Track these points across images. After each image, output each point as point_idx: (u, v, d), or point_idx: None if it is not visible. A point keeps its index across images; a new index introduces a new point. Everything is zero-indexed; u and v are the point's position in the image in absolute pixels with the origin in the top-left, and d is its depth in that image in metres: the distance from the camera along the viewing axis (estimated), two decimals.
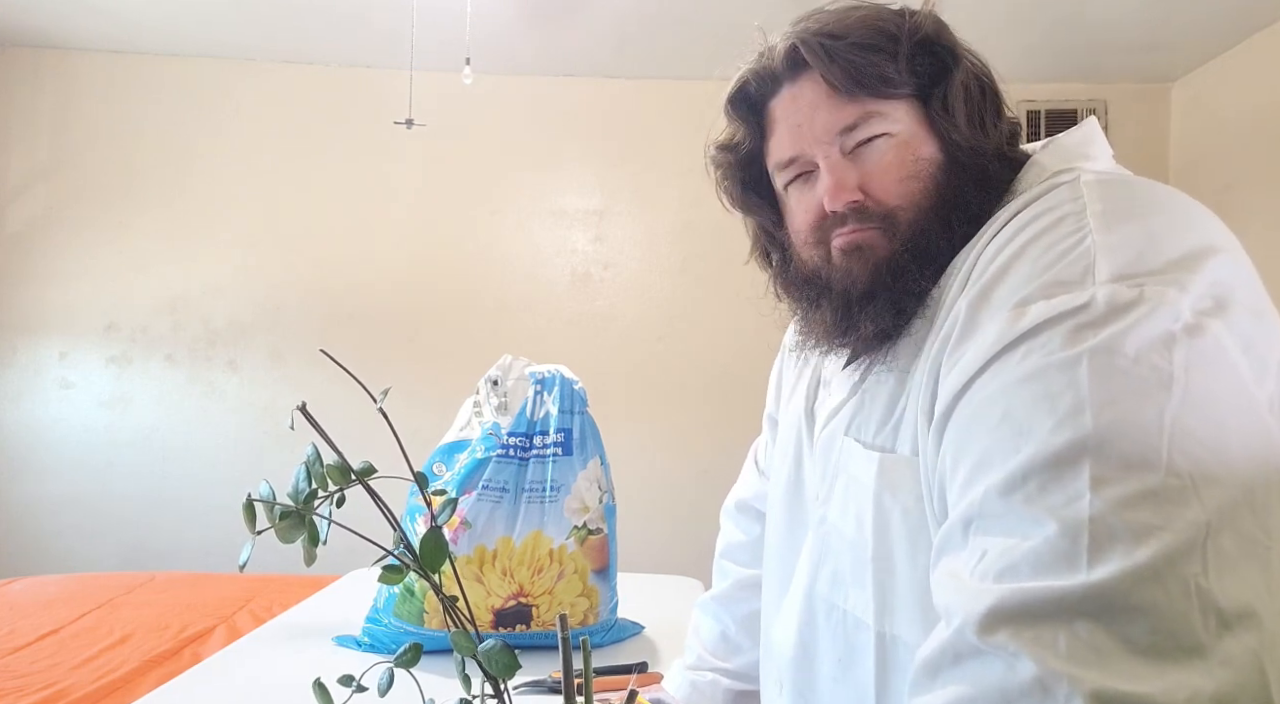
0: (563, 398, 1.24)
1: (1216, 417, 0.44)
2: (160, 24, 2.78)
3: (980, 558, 0.45)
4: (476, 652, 0.40)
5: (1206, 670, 0.38)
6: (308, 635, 1.28)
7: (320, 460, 0.40)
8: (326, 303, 3.02)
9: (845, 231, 0.65)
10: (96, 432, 2.97)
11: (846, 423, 0.67)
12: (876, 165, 0.64)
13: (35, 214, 2.98)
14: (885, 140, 0.63)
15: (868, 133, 0.63)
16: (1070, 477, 0.43)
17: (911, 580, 0.58)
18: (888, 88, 0.63)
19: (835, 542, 0.66)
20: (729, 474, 3.29)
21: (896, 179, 0.63)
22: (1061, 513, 0.42)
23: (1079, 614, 0.40)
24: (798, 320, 0.75)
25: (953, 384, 0.52)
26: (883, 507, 0.60)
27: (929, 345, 0.59)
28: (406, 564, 0.41)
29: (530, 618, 1.18)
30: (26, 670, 1.36)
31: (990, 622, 0.42)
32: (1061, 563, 0.41)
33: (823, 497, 0.68)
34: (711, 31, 2.70)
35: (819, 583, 0.67)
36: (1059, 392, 0.45)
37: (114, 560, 2.86)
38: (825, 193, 0.64)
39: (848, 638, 0.63)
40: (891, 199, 0.64)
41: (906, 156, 0.63)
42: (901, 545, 0.59)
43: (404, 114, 2.33)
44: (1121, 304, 0.46)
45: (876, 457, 0.61)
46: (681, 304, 3.07)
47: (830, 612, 0.65)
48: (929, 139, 0.64)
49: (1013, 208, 0.58)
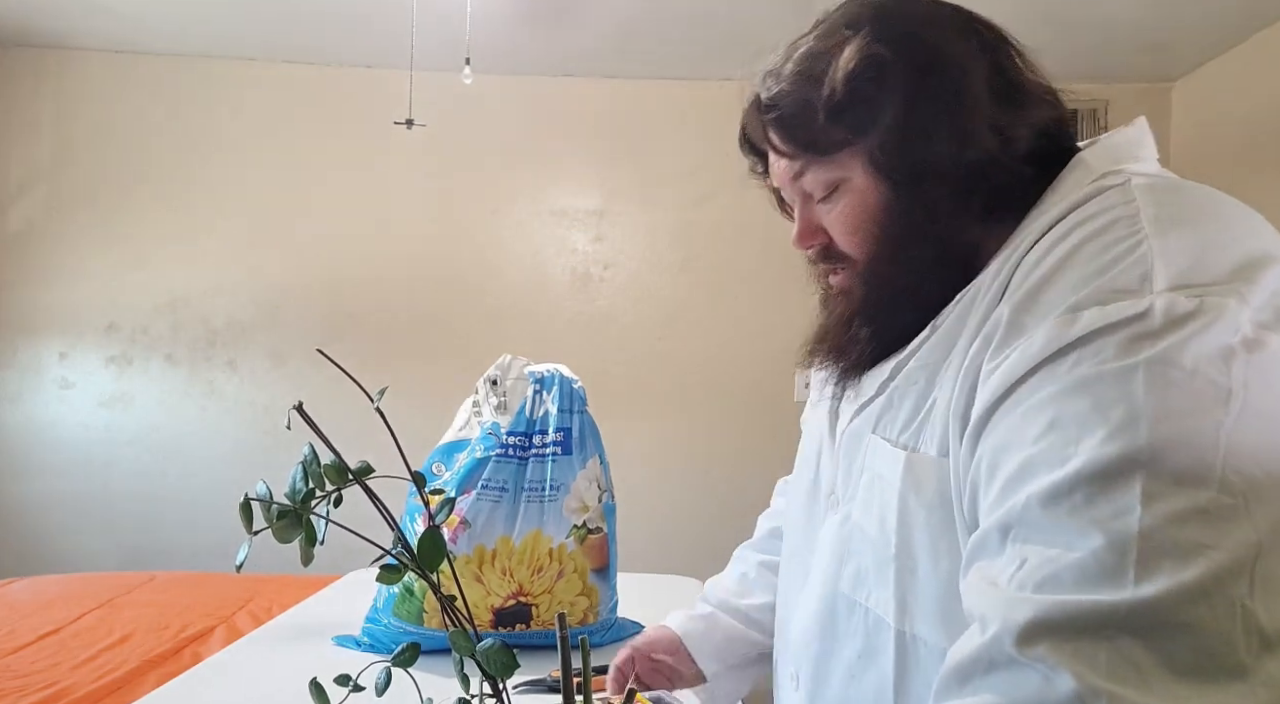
0: (562, 397, 1.24)
1: (1273, 434, 0.43)
2: (160, 24, 2.78)
3: (1019, 566, 0.44)
4: (475, 651, 0.40)
5: (1247, 692, 0.38)
6: (307, 635, 1.28)
7: (317, 460, 0.40)
8: (326, 303, 3.02)
9: (825, 270, 0.70)
10: (96, 431, 2.97)
11: (874, 420, 0.66)
12: (832, 216, 0.66)
13: (35, 214, 2.98)
14: (840, 191, 0.65)
15: (815, 182, 0.66)
16: (1120, 490, 0.42)
17: (933, 581, 0.57)
18: (818, 150, 0.64)
19: (858, 540, 0.65)
20: (729, 473, 3.31)
21: (847, 230, 0.65)
22: (1109, 526, 0.41)
23: (1122, 630, 0.39)
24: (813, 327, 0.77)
25: (994, 388, 0.51)
26: (907, 506, 0.59)
27: (962, 345, 0.58)
28: (405, 564, 0.41)
29: (530, 617, 1.18)
30: (26, 670, 1.36)
31: (1030, 633, 0.41)
32: (1107, 577, 0.41)
33: (847, 494, 0.68)
34: (712, 31, 2.70)
35: (841, 581, 0.66)
36: (1112, 402, 0.44)
37: (114, 560, 2.85)
38: (794, 238, 0.70)
39: (867, 636, 0.63)
40: (847, 248, 0.66)
41: (857, 207, 0.64)
42: (924, 546, 0.58)
43: (404, 114, 2.33)
44: (1180, 315, 0.45)
45: (903, 455, 0.60)
46: (681, 304, 3.07)
47: (851, 609, 0.65)
48: (877, 183, 0.63)
49: (1058, 208, 0.57)
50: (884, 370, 0.67)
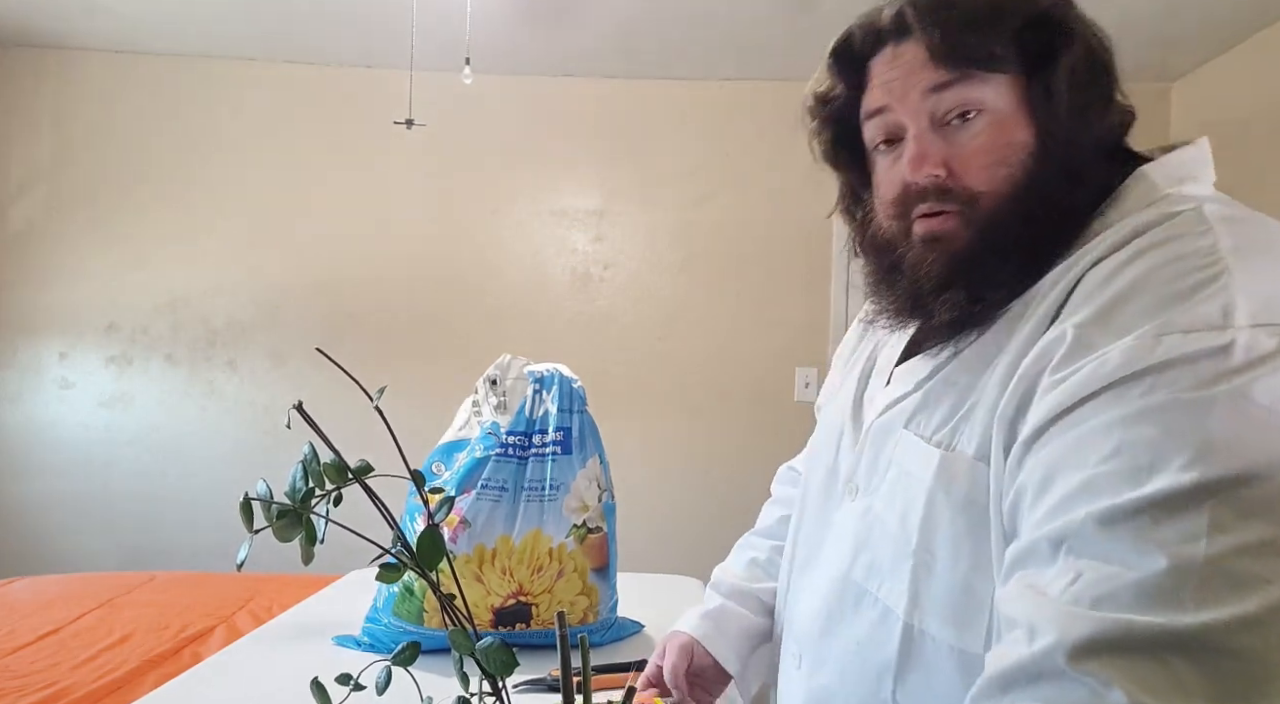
0: (561, 396, 1.24)
1: None
2: (160, 24, 2.78)
3: (1074, 580, 0.45)
4: (474, 650, 0.40)
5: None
6: (307, 635, 1.28)
7: (317, 459, 0.40)
8: (326, 303, 3.02)
9: (925, 211, 0.63)
10: (96, 431, 2.97)
11: (907, 416, 0.65)
12: (965, 144, 0.62)
13: (35, 214, 2.98)
14: (979, 118, 0.61)
15: (959, 99, 0.61)
16: (1190, 517, 0.43)
17: (950, 580, 0.58)
18: (989, 62, 0.60)
19: (877, 532, 0.65)
20: (729, 473, 3.30)
21: (983, 162, 0.61)
22: (1174, 550, 0.42)
23: (1176, 652, 0.40)
24: (869, 286, 0.73)
25: (1057, 402, 0.51)
26: (934, 504, 0.60)
27: (1012, 352, 0.58)
28: (404, 562, 0.41)
29: (530, 617, 1.18)
30: (26, 670, 1.36)
31: (1085, 648, 0.42)
32: (1168, 599, 0.41)
33: (870, 486, 0.68)
34: (712, 31, 2.70)
35: (855, 569, 0.67)
36: (1187, 431, 0.45)
37: (114, 560, 2.85)
38: (907, 162, 0.63)
39: (874, 624, 0.64)
40: (975, 182, 0.62)
41: (998, 139, 0.61)
42: (945, 545, 0.59)
43: (404, 114, 2.33)
44: (1262, 352, 0.46)
45: (938, 454, 0.60)
46: (681, 304, 3.07)
47: (861, 597, 0.66)
48: (1025, 123, 0.61)
49: (1126, 226, 0.57)
50: (922, 368, 0.67)
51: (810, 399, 3.00)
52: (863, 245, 0.74)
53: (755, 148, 3.04)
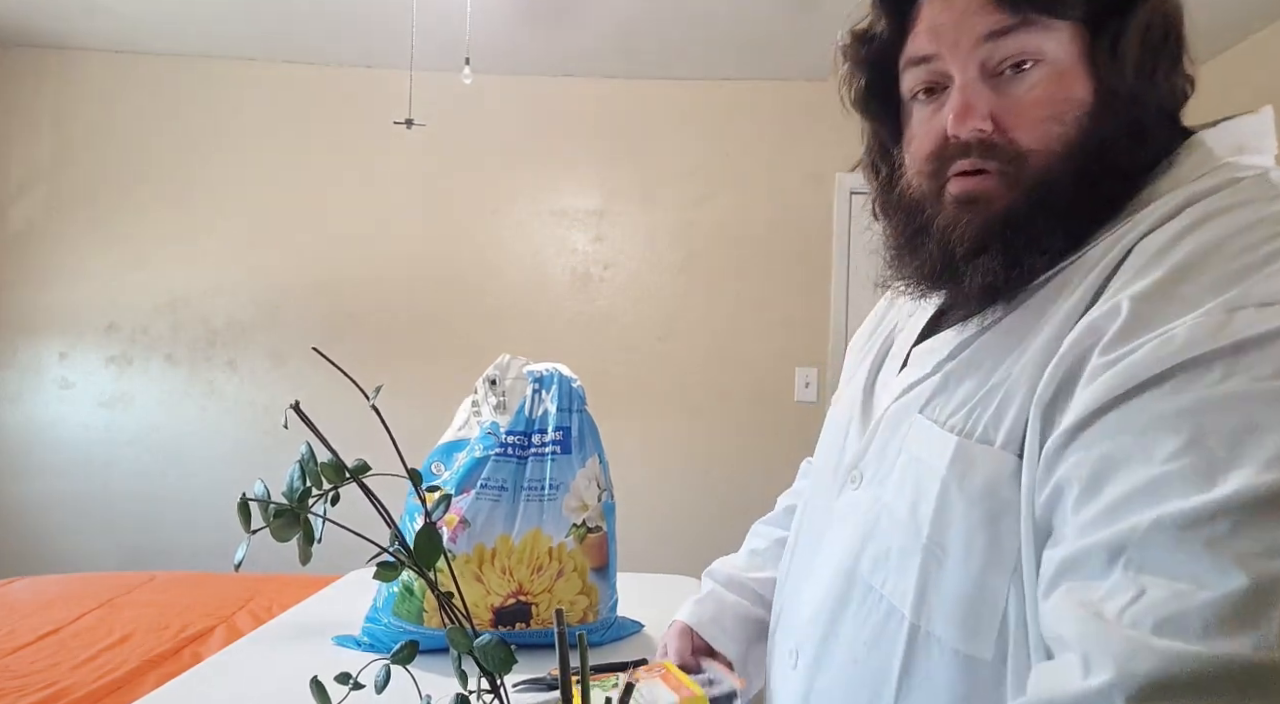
0: (561, 396, 1.24)
1: None
2: (160, 24, 2.78)
3: (1135, 597, 0.39)
4: (472, 647, 0.40)
5: None
6: (307, 635, 1.28)
7: (314, 459, 0.40)
8: (326, 303, 3.02)
9: (965, 168, 0.57)
10: (96, 431, 2.97)
11: (923, 400, 0.60)
12: (1018, 96, 0.56)
13: (35, 214, 2.98)
14: (1036, 69, 0.55)
15: (1018, 47, 0.55)
16: (1274, 526, 0.37)
17: (960, 579, 0.53)
18: (1055, 7, 0.54)
19: (885, 523, 0.60)
20: (729, 473, 3.30)
21: (1037, 117, 0.55)
22: (1255, 565, 0.37)
23: (1255, 691, 0.35)
24: (887, 251, 0.67)
25: (1110, 386, 0.45)
26: (948, 495, 0.54)
27: (1051, 328, 0.52)
28: (401, 561, 0.41)
29: (530, 616, 1.18)
30: (26, 670, 1.36)
31: (1149, 690, 0.37)
32: (1244, 624, 0.36)
33: (878, 475, 0.63)
34: (712, 31, 2.70)
35: (861, 562, 0.61)
36: (1270, 426, 0.39)
37: (114, 560, 2.86)
38: (951, 113, 0.57)
39: (879, 624, 0.59)
40: (1025, 139, 0.56)
41: (1055, 93, 0.55)
42: (958, 541, 0.53)
43: (404, 114, 2.33)
44: None
45: (954, 441, 0.55)
46: (681, 304, 3.07)
47: (867, 594, 0.60)
48: (1085, 78, 0.55)
49: (1180, 194, 0.51)
50: (942, 347, 0.61)
51: (810, 399, 3.00)
52: (885, 206, 0.67)
53: (755, 148, 3.04)
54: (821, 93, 3.03)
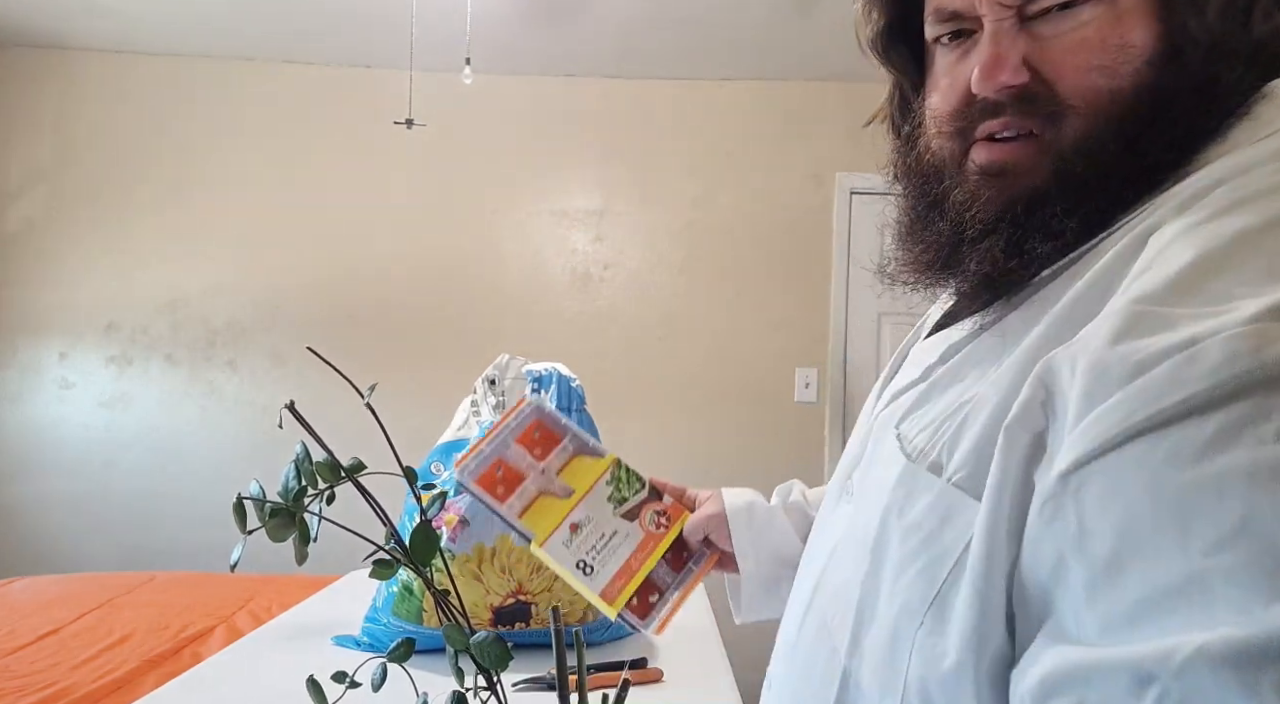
0: (560, 396, 1.24)
1: None
2: (160, 24, 2.78)
3: None
4: (469, 644, 0.41)
5: None
6: (307, 635, 1.28)
7: (309, 458, 0.40)
8: (326, 303, 3.02)
9: (995, 130, 0.47)
10: (96, 432, 2.97)
11: (904, 411, 0.50)
12: (1062, 38, 0.45)
13: (35, 214, 2.99)
14: (1088, 7, 0.44)
15: None
16: None
17: (885, 622, 0.44)
18: None
19: (845, 548, 0.52)
20: (729, 473, 3.30)
21: (1083, 65, 0.44)
22: None
23: None
24: (897, 226, 0.57)
25: (1121, 416, 0.33)
26: (887, 525, 0.45)
27: (1042, 330, 0.42)
28: (396, 558, 0.41)
29: (530, 615, 1.18)
30: (26, 670, 1.36)
31: None
32: None
33: (861, 489, 0.54)
34: (712, 32, 2.71)
35: (821, 591, 0.53)
36: None
37: (114, 560, 2.86)
38: (978, 66, 0.46)
39: (823, 664, 0.50)
40: (1067, 90, 0.45)
41: (1109, 37, 0.43)
42: (888, 581, 0.44)
43: (404, 114, 2.34)
44: None
45: (901, 463, 0.46)
46: (682, 304, 3.07)
47: (819, 628, 0.52)
48: (1149, 20, 0.43)
49: (1231, 162, 0.40)
50: (934, 349, 0.51)
51: (810, 399, 3.00)
52: (904, 170, 0.56)
53: (755, 148, 3.05)
54: (821, 93, 3.03)
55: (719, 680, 1.13)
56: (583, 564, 0.73)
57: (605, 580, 0.73)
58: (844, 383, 3.01)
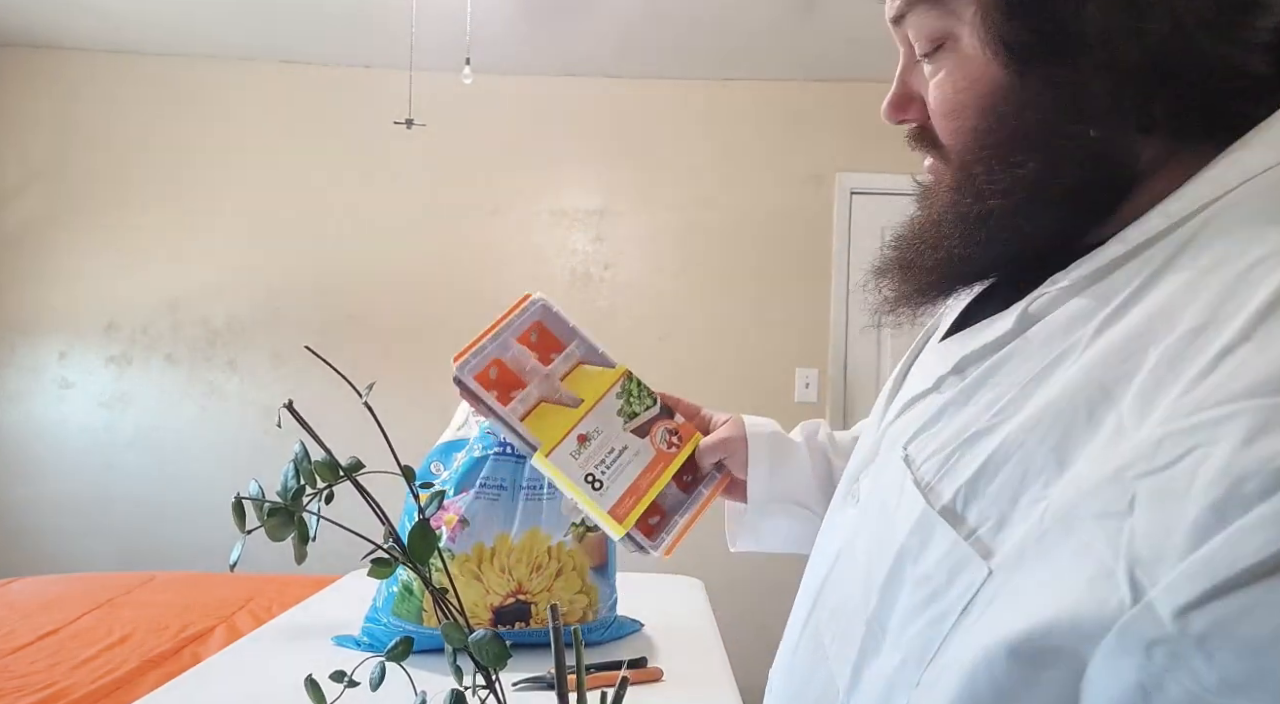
0: None
1: None
2: (159, 24, 2.79)
3: None
4: (467, 642, 0.40)
5: None
6: (307, 635, 1.28)
7: (308, 457, 0.40)
8: (326, 303, 3.02)
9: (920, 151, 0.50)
10: (96, 432, 2.98)
11: (915, 429, 0.45)
12: (932, 87, 0.47)
13: (35, 214, 2.99)
14: (945, 49, 0.45)
15: (917, 34, 0.46)
16: None
17: (885, 671, 0.40)
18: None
19: (843, 567, 0.48)
20: None
21: (937, 110, 0.46)
22: None
23: None
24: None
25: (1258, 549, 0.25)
26: (900, 570, 0.40)
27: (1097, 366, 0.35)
28: (394, 557, 0.41)
29: (529, 615, 1.18)
30: (26, 670, 1.36)
31: None
32: None
33: (871, 501, 0.49)
34: (712, 32, 2.71)
35: (822, 604, 0.50)
36: None
37: (114, 560, 2.86)
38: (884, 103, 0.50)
39: (819, 690, 0.47)
40: (940, 134, 0.47)
41: (957, 78, 0.44)
42: (894, 630, 0.40)
43: (404, 114, 2.34)
44: None
45: (920, 506, 0.40)
46: (682, 304, 3.07)
47: (816, 649, 0.48)
48: (989, 49, 0.42)
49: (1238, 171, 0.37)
50: (949, 355, 0.46)
51: (810, 399, 3.00)
52: None
53: (755, 148, 3.04)
54: (821, 93, 3.03)
55: (719, 680, 1.13)
56: (591, 478, 0.68)
57: (614, 498, 0.68)
58: (844, 383, 3.01)
